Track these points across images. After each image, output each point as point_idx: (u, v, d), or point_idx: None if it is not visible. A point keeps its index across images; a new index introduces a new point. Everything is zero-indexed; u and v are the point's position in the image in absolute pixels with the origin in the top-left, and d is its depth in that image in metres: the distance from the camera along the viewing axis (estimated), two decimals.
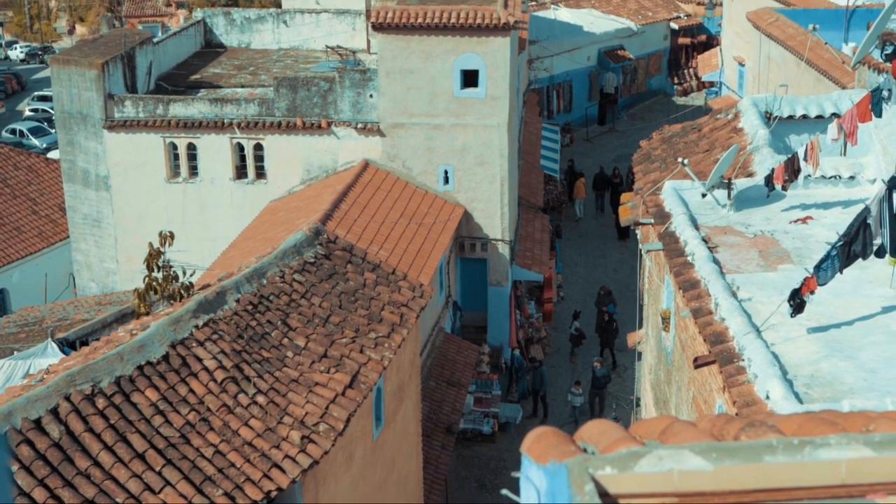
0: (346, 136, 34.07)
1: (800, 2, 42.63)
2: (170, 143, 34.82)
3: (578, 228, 48.34)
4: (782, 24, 37.86)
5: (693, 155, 21.92)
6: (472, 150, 33.24)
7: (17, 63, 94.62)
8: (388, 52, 32.88)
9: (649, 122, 56.00)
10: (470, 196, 33.66)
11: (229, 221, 34.21)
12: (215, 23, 43.92)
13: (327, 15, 43.45)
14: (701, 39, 66.15)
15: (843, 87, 28.53)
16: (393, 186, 32.55)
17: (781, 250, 16.52)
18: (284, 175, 34.50)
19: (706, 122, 24.49)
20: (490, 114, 32.86)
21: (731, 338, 13.86)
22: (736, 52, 48.86)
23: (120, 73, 35.28)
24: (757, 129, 21.12)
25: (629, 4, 65.60)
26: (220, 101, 34.71)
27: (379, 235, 28.07)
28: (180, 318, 19.06)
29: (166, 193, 35.19)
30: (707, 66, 58.19)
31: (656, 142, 25.14)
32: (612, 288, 40.26)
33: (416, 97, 32.97)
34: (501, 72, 32.51)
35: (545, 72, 56.85)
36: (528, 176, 42.77)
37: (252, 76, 39.35)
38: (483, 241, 34.33)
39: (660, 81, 65.91)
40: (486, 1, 33.69)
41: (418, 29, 32.21)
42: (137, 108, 34.63)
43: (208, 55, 42.34)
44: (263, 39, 43.63)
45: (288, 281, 22.14)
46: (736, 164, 19.27)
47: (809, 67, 33.30)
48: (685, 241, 16.75)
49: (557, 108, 58.94)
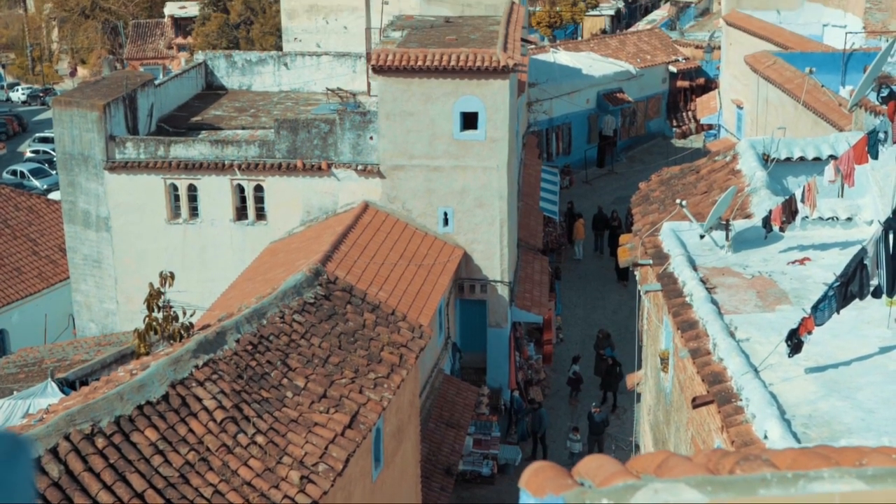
0: (346, 177, 34.21)
1: (797, 45, 42.90)
2: (170, 185, 34.96)
3: (578, 270, 48.43)
4: (780, 68, 38.10)
5: (691, 196, 22.03)
6: (472, 191, 33.37)
7: (18, 105, 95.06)
8: (388, 95, 33.07)
9: (648, 164, 56.22)
10: (469, 237, 33.76)
11: (229, 262, 34.27)
12: (216, 65, 44.19)
13: (328, 58, 43.73)
14: (699, 82, 66.49)
15: (840, 129, 28.70)
16: (393, 228, 32.66)
17: (779, 291, 16.59)
18: (284, 216, 34.61)
19: (704, 163, 24.63)
20: (489, 156, 33.01)
21: (729, 378, 13.91)
22: (734, 94, 49.12)
23: (121, 114, 35.48)
24: (755, 171, 21.25)
25: (628, 48, 65.98)
26: (221, 142, 34.87)
27: (378, 277, 28.14)
28: (180, 358, 19.11)
29: (166, 234, 35.29)
30: (705, 109, 58.51)
31: (655, 183, 25.27)
32: (611, 330, 40.31)
33: (416, 139, 33.13)
34: (501, 114, 32.69)
35: (544, 114, 57.10)
36: (528, 218, 42.90)
37: (253, 118, 39.58)
38: (482, 282, 34.40)
39: (658, 124, 66.19)
40: (486, 44, 33.93)
41: (418, 71, 32.41)
42: (138, 150, 34.80)
43: (209, 97, 42.58)
44: (264, 82, 43.88)
45: (288, 321, 22.20)
46: (734, 206, 19.38)
47: (807, 110, 33.50)
48: (683, 281, 16.83)
49: (557, 150, 59.15)
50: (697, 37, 73.91)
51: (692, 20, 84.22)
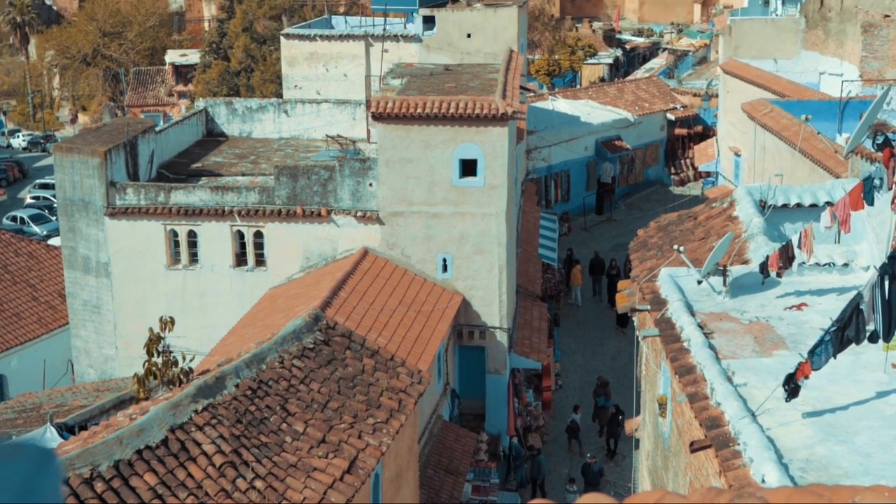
0: (345, 223, 34.35)
1: (794, 93, 43.21)
2: (170, 231, 35.09)
3: (576, 317, 48.48)
4: (777, 115, 38.36)
5: (689, 242, 22.16)
6: (471, 238, 33.49)
7: (19, 151, 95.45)
8: (387, 142, 33.26)
9: (647, 211, 56.41)
10: (468, 284, 33.84)
11: (229, 308, 34.32)
12: (217, 112, 44.44)
13: (328, 105, 43.99)
14: (697, 130, 66.83)
15: (837, 176, 28.87)
16: (392, 274, 32.75)
17: (776, 336, 16.67)
18: (284, 262, 34.71)
19: (702, 210, 24.77)
20: (488, 202, 33.15)
21: (726, 422, 13.96)
22: (732, 142, 49.41)
23: (122, 160, 35.67)
24: (752, 218, 21.38)
25: (626, 96, 66.38)
26: (221, 188, 35.02)
27: (378, 322, 28.20)
28: (179, 403, 19.15)
29: (166, 280, 35.38)
30: (703, 157, 58.79)
31: (653, 230, 25.41)
32: (610, 377, 40.32)
33: (415, 186, 33.29)
34: (500, 161, 32.86)
35: (543, 161, 57.37)
36: (527, 264, 43.01)
37: (253, 164, 39.77)
38: (481, 328, 34.45)
39: (657, 171, 66.46)
40: (485, 91, 34.16)
41: (418, 119, 32.61)
42: (139, 196, 34.96)
43: (210, 144, 42.81)
44: (265, 129, 44.12)
45: (287, 366, 22.25)
46: (731, 252, 19.49)
47: (804, 157, 33.71)
48: (681, 327, 16.91)
49: (555, 197, 59.37)
50: (695, 85, 74.42)
51: (690, 69, 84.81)
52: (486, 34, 46.30)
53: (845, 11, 49.50)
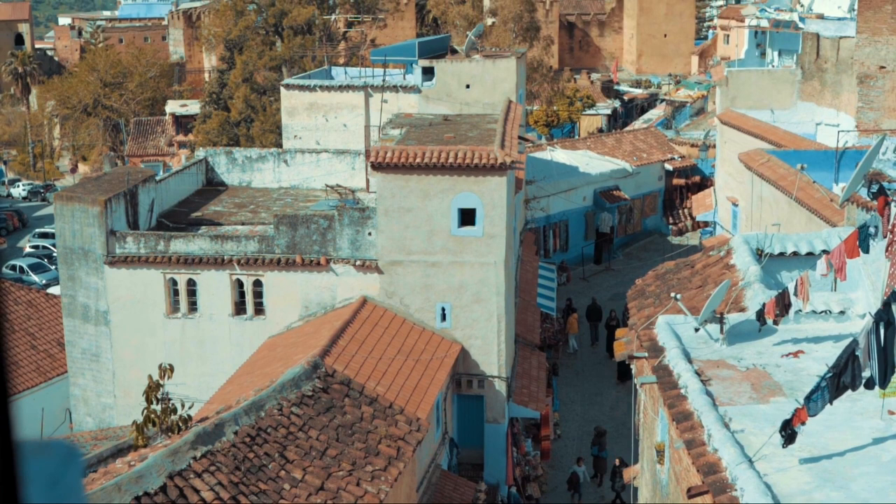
0: (344, 272, 34.45)
1: (791, 143, 43.49)
2: (170, 279, 35.19)
3: (575, 366, 48.48)
4: (774, 165, 38.59)
5: (686, 291, 22.27)
6: (470, 287, 33.57)
7: (19, 200, 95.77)
8: (386, 191, 33.42)
9: (645, 261, 56.57)
10: (467, 333, 33.89)
11: (228, 357, 34.37)
12: (217, 161, 44.68)
13: (327, 155, 44.22)
14: (695, 180, 67.17)
15: (833, 225, 29.03)
16: (391, 323, 32.80)
17: (773, 383, 16.75)
18: (283, 311, 34.78)
19: (699, 258, 24.91)
20: (487, 252, 33.26)
21: (724, 468, 14.01)
22: (729, 192, 49.63)
23: (122, 209, 35.84)
24: (748, 266, 21.51)
25: (624, 146, 66.76)
26: (221, 237, 35.16)
27: (377, 371, 28.23)
28: (178, 450, 19.17)
29: (165, 329, 35.43)
30: (701, 207, 59.00)
31: (650, 278, 25.53)
32: (609, 427, 40.25)
33: (413, 235, 33.41)
34: (498, 210, 33.01)
35: (542, 211, 57.60)
36: (525, 313, 43.07)
37: (252, 214, 39.93)
38: (480, 377, 34.45)
39: (655, 221, 66.70)
40: (484, 141, 34.37)
41: (417, 168, 32.77)
42: (139, 244, 35.09)
43: (210, 193, 43.00)
44: (264, 178, 44.34)
45: (286, 414, 22.28)
46: (728, 300, 19.59)
47: (801, 206, 33.88)
48: (678, 374, 16.98)
49: (554, 247, 59.56)
50: (693, 135, 74.87)
51: (688, 119, 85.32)
52: (484, 85, 46.62)
53: (841, 63, 49.90)
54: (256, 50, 76.39)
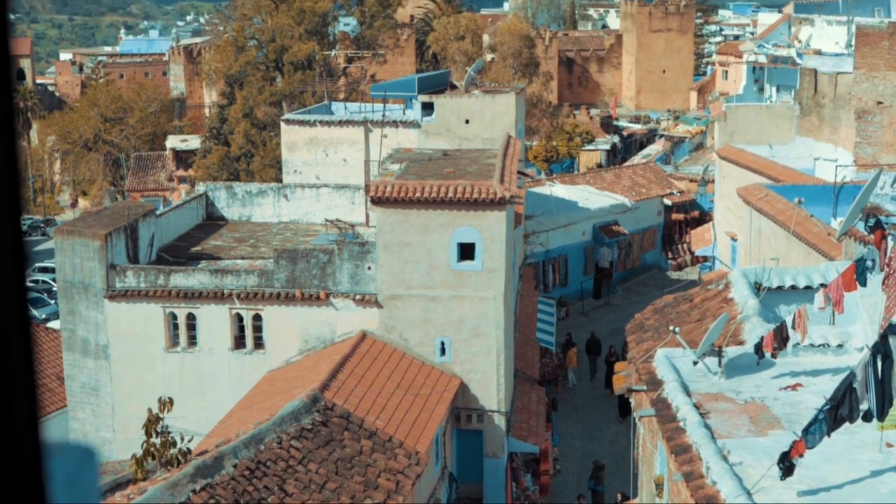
0: (344, 307, 34.50)
1: (789, 178, 43.65)
2: (170, 313, 35.24)
3: (574, 401, 48.42)
4: (772, 200, 38.71)
5: (685, 324, 22.33)
6: (469, 321, 33.61)
7: None
8: (386, 226, 33.52)
9: (644, 296, 56.55)
10: (466, 367, 33.90)
11: (227, 391, 34.35)
12: (217, 196, 44.81)
13: (327, 189, 44.36)
14: (694, 215, 67.30)
15: (831, 259, 29.11)
16: (390, 357, 32.83)
17: (772, 416, 16.78)
18: (282, 345, 34.80)
19: (697, 292, 24.99)
20: (486, 286, 33.33)
21: (722, 500, 14.03)
22: (728, 227, 49.75)
23: (122, 244, 35.92)
24: (747, 300, 21.58)
25: (623, 181, 66.93)
26: (221, 272, 35.23)
27: (376, 405, 28.24)
28: (178, 483, 19.18)
29: (165, 363, 35.45)
30: (700, 241, 59.12)
31: (649, 312, 25.60)
32: (608, 462, 40.15)
33: (413, 269, 33.48)
34: (497, 245, 33.09)
35: (541, 246, 57.67)
36: (525, 348, 43.08)
37: (252, 248, 40.01)
38: (479, 412, 34.44)
39: (654, 256, 66.79)
40: (483, 176, 34.49)
41: (416, 203, 32.88)
42: (139, 279, 35.15)
43: (210, 227, 43.10)
44: (264, 213, 44.46)
45: (285, 447, 22.29)
46: (726, 333, 19.65)
47: (799, 241, 33.97)
48: (677, 406, 17.02)
49: (553, 281, 59.60)
50: (692, 171, 75.07)
51: (686, 154, 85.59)
52: (484, 120, 46.82)
53: (839, 98, 50.14)
54: (257, 85, 76.67)
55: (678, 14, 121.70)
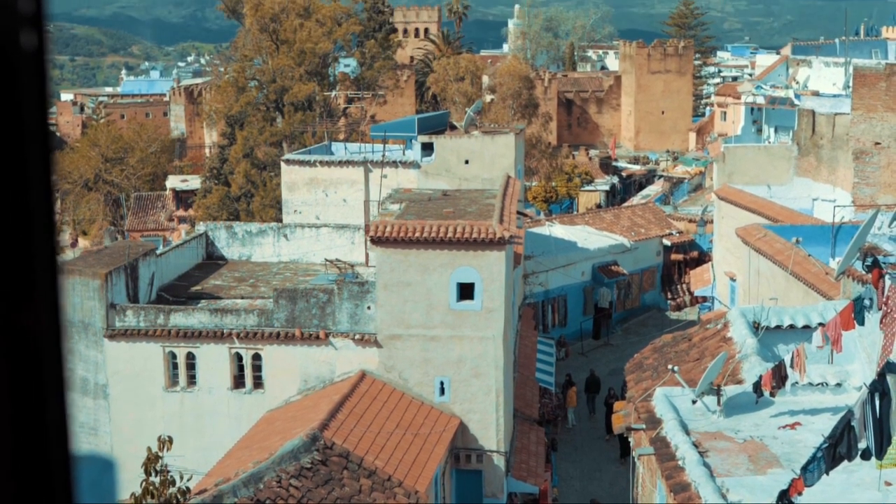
0: (343, 346, 34.52)
1: (787, 218, 43.78)
2: (169, 353, 35.25)
3: (574, 441, 48.33)
4: (770, 240, 38.83)
5: (684, 363, 22.37)
6: (468, 361, 33.61)
7: None
8: (386, 265, 33.58)
9: (644, 336, 56.53)
10: (465, 407, 33.87)
11: (226, 431, 34.30)
12: (217, 236, 44.92)
13: (327, 229, 44.47)
14: (693, 255, 67.39)
15: (830, 299, 29.17)
16: (389, 397, 32.81)
17: (770, 455, 16.80)
18: (282, 385, 34.79)
19: (696, 331, 25.05)
20: (486, 326, 33.36)
21: None
22: (727, 267, 49.83)
23: (123, 283, 35.99)
24: (745, 339, 21.64)
25: (622, 221, 67.07)
26: (220, 311, 35.29)
27: (375, 445, 28.22)
28: None
29: (164, 402, 35.42)
30: (699, 282, 59.18)
31: (648, 352, 25.65)
32: (607, 502, 40.04)
33: (413, 309, 33.53)
34: (497, 285, 33.15)
35: (540, 286, 57.72)
36: (524, 388, 43.04)
37: (252, 288, 40.08)
38: (478, 452, 34.38)
39: (653, 296, 66.82)
40: (482, 216, 34.60)
41: (416, 243, 32.96)
42: (139, 318, 35.20)
43: (209, 267, 43.19)
44: (264, 252, 44.54)
45: (285, 486, 22.28)
46: (725, 372, 19.70)
47: (798, 281, 34.05)
48: (676, 445, 17.05)
49: (553, 322, 59.61)
50: (691, 211, 75.26)
51: (685, 195, 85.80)
52: (483, 160, 47.02)
53: (837, 139, 50.37)
54: (257, 125, 76.97)
55: (677, 56, 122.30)
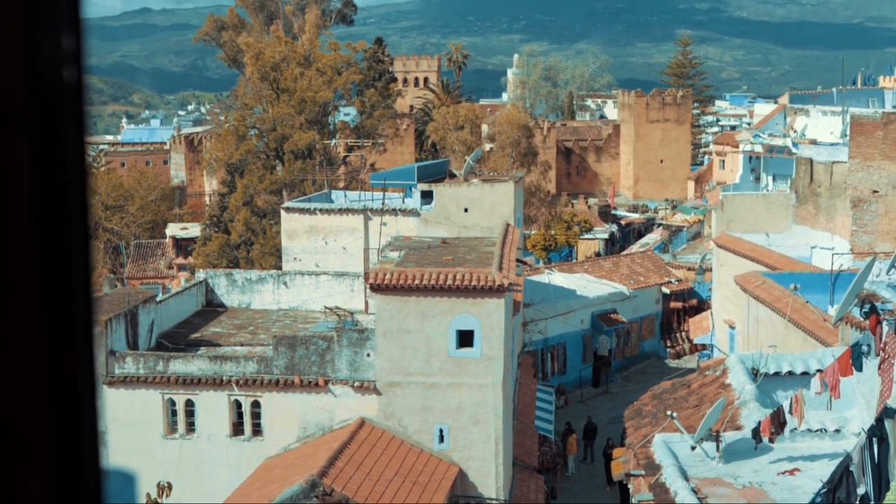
0: (342, 394, 34.51)
1: (786, 266, 43.88)
2: (168, 399, 35.23)
3: (573, 490, 48.16)
4: (769, 287, 38.92)
5: (683, 410, 22.39)
6: (467, 409, 33.60)
7: None
8: (385, 313, 33.64)
9: (643, 384, 56.46)
10: (465, 455, 33.82)
11: (225, 478, 34.21)
12: (217, 283, 44.99)
13: (326, 277, 44.55)
14: (692, 303, 67.46)
15: (828, 345, 29.20)
16: (389, 444, 32.77)
17: (770, 501, 16.79)
18: (281, 432, 34.75)
19: (695, 378, 25.08)
20: (485, 373, 33.37)
21: None
22: (726, 315, 49.88)
23: (122, 330, 36.02)
24: (744, 385, 21.67)
25: (621, 269, 67.17)
26: (220, 358, 35.32)
27: (374, 492, 28.17)
28: None
29: (163, 449, 35.35)
30: (699, 329, 59.22)
31: (647, 398, 25.67)
32: None
33: (412, 356, 33.55)
34: (496, 332, 33.20)
35: (540, 334, 57.73)
36: (523, 436, 42.96)
37: (252, 335, 40.12)
38: (478, 500, 34.28)
39: (653, 344, 66.81)
40: (482, 264, 34.70)
41: (415, 290, 33.04)
42: (138, 365, 35.21)
43: (209, 314, 43.24)
44: (264, 300, 44.60)
45: None
46: (724, 418, 19.72)
47: (796, 328, 34.10)
48: (675, 491, 17.05)
49: (552, 370, 59.57)
50: (689, 259, 75.41)
51: (684, 243, 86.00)
52: (483, 208, 47.18)
53: (835, 187, 50.59)
54: (257, 173, 77.24)
55: (675, 105, 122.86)
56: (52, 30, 1.12)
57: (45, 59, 1.10)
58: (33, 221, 1.31)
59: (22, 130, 1.14)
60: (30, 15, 1.10)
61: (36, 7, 1.11)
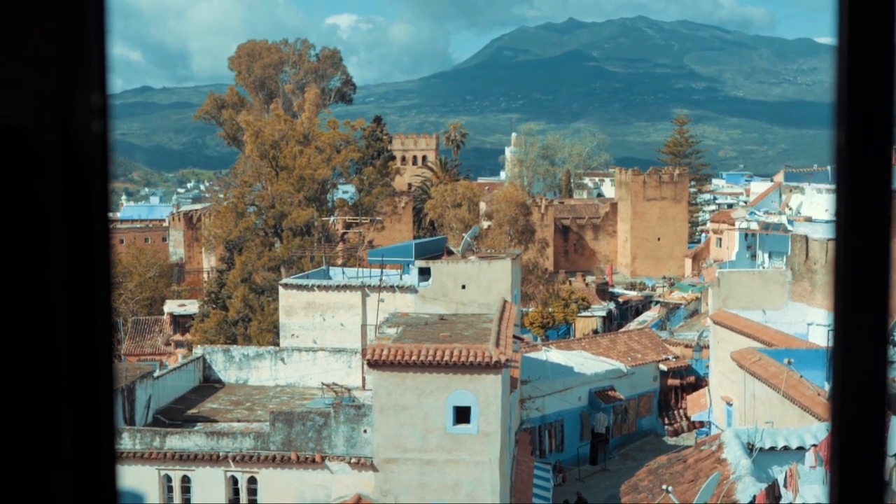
0: (339, 470, 34.46)
1: (782, 343, 43.98)
2: (164, 476, 35.15)
3: None
4: (765, 364, 39.04)
5: (679, 484, 22.41)
6: (464, 486, 33.51)
7: None
8: (382, 389, 33.68)
9: (641, 461, 56.25)
10: None
11: None
12: (214, 359, 45.07)
13: (324, 353, 44.64)
14: (690, 380, 67.43)
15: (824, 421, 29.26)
16: None
17: None
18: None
19: (691, 453, 25.11)
20: (482, 450, 33.33)
21: None
22: (723, 391, 49.89)
23: (119, 405, 36.03)
24: (739, 460, 21.72)
25: (619, 347, 67.21)
26: (216, 434, 35.29)
27: None
28: None
29: None
30: (696, 406, 59.16)
31: (643, 473, 25.69)
32: None
33: (409, 432, 33.54)
34: (493, 408, 33.22)
35: (537, 411, 57.62)
36: None
37: (249, 411, 40.12)
38: None
39: (650, 422, 66.64)
40: (479, 340, 34.80)
41: (412, 366, 33.11)
42: (134, 441, 35.16)
43: (206, 390, 43.26)
44: (261, 376, 44.65)
45: None
46: (719, 493, 19.75)
47: (793, 404, 34.15)
48: None
49: (549, 447, 59.37)
50: (687, 336, 75.44)
51: (682, 321, 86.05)
52: (480, 285, 47.40)
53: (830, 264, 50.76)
54: (256, 250, 77.55)
55: (672, 183, 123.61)
56: (83, 89, 1.32)
57: (76, 114, 1.29)
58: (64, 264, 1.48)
59: (55, 176, 1.33)
60: (65, 77, 1.29)
61: (71, 71, 1.31)
